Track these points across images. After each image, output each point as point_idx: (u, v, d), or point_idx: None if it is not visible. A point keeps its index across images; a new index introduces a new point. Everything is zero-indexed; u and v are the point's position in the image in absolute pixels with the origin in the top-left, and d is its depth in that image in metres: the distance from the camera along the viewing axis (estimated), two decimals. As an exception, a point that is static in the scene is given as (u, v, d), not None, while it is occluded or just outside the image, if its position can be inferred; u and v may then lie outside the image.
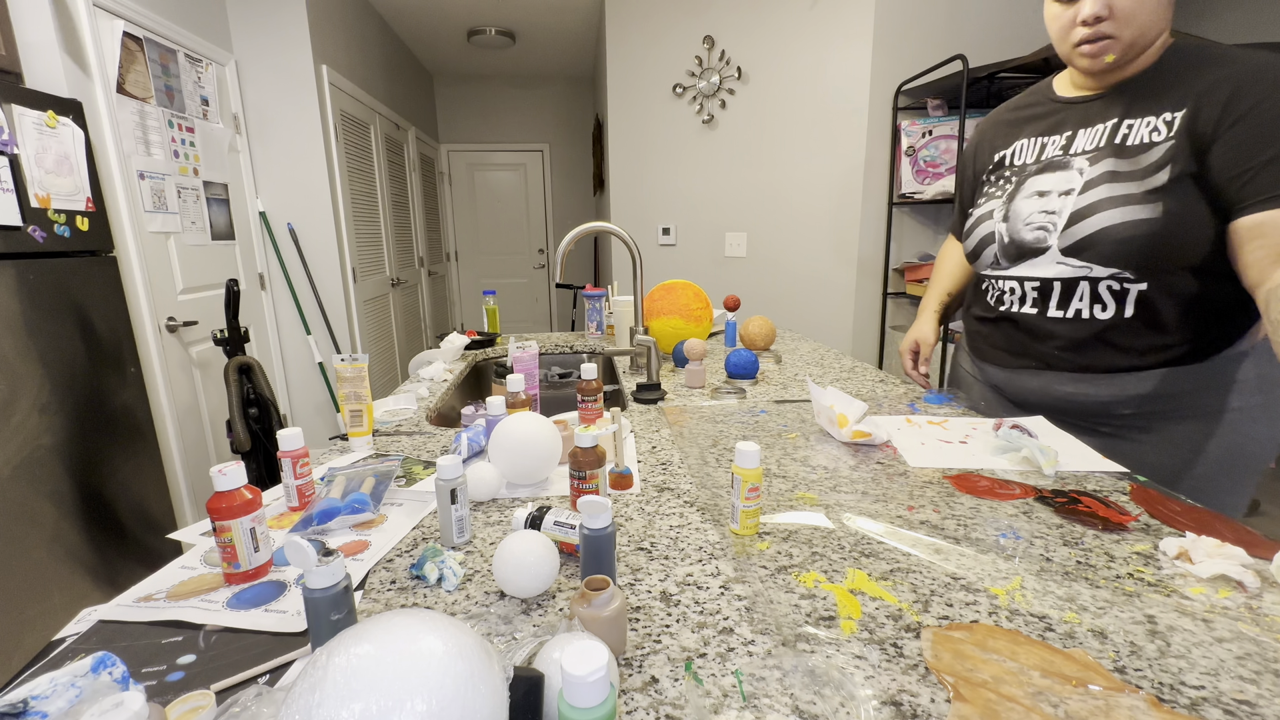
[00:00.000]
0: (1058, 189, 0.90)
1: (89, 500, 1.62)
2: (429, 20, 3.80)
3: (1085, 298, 0.89)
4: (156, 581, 0.63)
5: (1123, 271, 0.84)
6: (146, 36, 2.09)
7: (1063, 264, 0.89)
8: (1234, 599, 0.54)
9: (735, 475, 0.67)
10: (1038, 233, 0.91)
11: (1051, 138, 0.94)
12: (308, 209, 2.83)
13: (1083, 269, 0.87)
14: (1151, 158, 0.82)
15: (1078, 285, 0.89)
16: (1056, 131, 0.94)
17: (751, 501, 0.67)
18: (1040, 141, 0.96)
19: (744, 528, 0.68)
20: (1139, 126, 0.84)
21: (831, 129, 2.69)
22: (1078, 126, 0.91)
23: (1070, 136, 0.92)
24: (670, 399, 1.24)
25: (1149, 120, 0.83)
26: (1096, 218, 0.84)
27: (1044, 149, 0.95)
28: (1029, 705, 0.43)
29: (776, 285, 2.95)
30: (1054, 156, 0.93)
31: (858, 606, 0.55)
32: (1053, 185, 0.91)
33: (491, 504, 0.79)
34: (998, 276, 1.00)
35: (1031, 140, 0.97)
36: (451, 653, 0.35)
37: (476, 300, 5.52)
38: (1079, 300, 0.90)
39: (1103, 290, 0.87)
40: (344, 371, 0.99)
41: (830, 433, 0.98)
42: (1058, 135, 0.94)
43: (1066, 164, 0.90)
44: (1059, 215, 0.88)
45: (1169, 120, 0.81)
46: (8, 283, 1.43)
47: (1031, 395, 1.01)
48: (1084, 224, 0.85)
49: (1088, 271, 0.87)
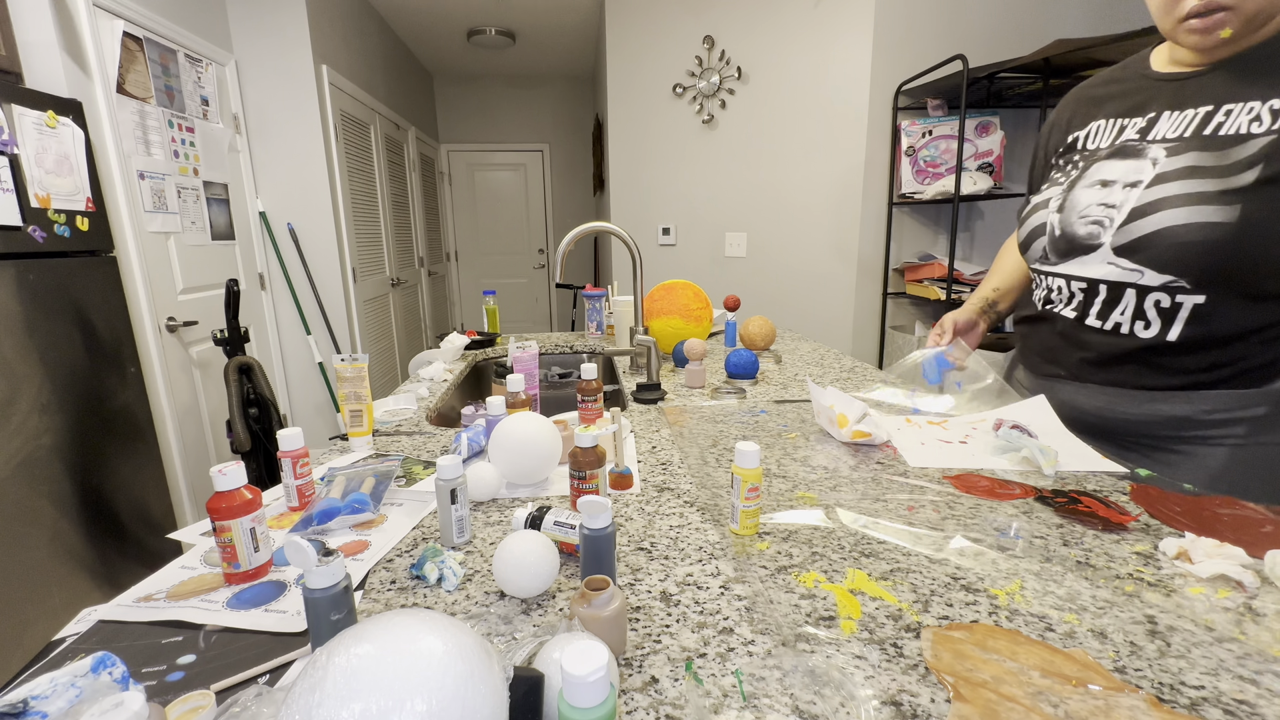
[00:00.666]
0: (1124, 179, 0.79)
1: (89, 500, 1.62)
2: (429, 20, 3.80)
3: (1128, 310, 0.79)
4: (156, 581, 0.63)
5: (1178, 280, 0.74)
6: (146, 36, 2.09)
7: (1113, 264, 0.79)
8: (1234, 599, 0.54)
9: (735, 475, 0.67)
10: (1091, 227, 0.81)
11: (1132, 120, 0.82)
12: (308, 209, 2.83)
13: (1133, 273, 0.77)
14: (1243, 152, 0.70)
15: (1123, 293, 0.79)
16: (1139, 113, 0.81)
17: (751, 501, 0.67)
18: (1118, 123, 0.84)
19: (744, 528, 0.68)
20: (1238, 113, 0.71)
21: (831, 129, 2.69)
22: (1163, 109, 0.79)
23: (1152, 119, 0.79)
24: (670, 399, 1.24)
25: (1252, 106, 0.70)
26: (1159, 215, 0.73)
27: (1121, 132, 0.83)
28: (1029, 705, 0.43)
29: (776, 285, 2.95)
30: (1128, 141, 0.81)
31: (858, 606, 0.55)
32: (1119, 174, 0.79)
33: (491, 504, 0.79)
34: (1045, 272, 0.91)
35: (1110, 121, 0.85)
36: (451, 653, 0.35)
37: (476, 300, 5.52)
38: (1120, 312, 0.80)
39: (1149, 305, 0.77)
40: (344, 371, 0.99)
41: (830, 433, 0.98)
42: (1139, 117, 0.81)
43: (1140, 151, 0.78)
44: (1118, 209, 0.78)
45: (1277, 109, 0.69)
46: (8, 283, 1.43)
47: (1061, 408, 0.93)
48: (1143, 221, 0.75)
49: (1138, 277, 0.77)
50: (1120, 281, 0.79)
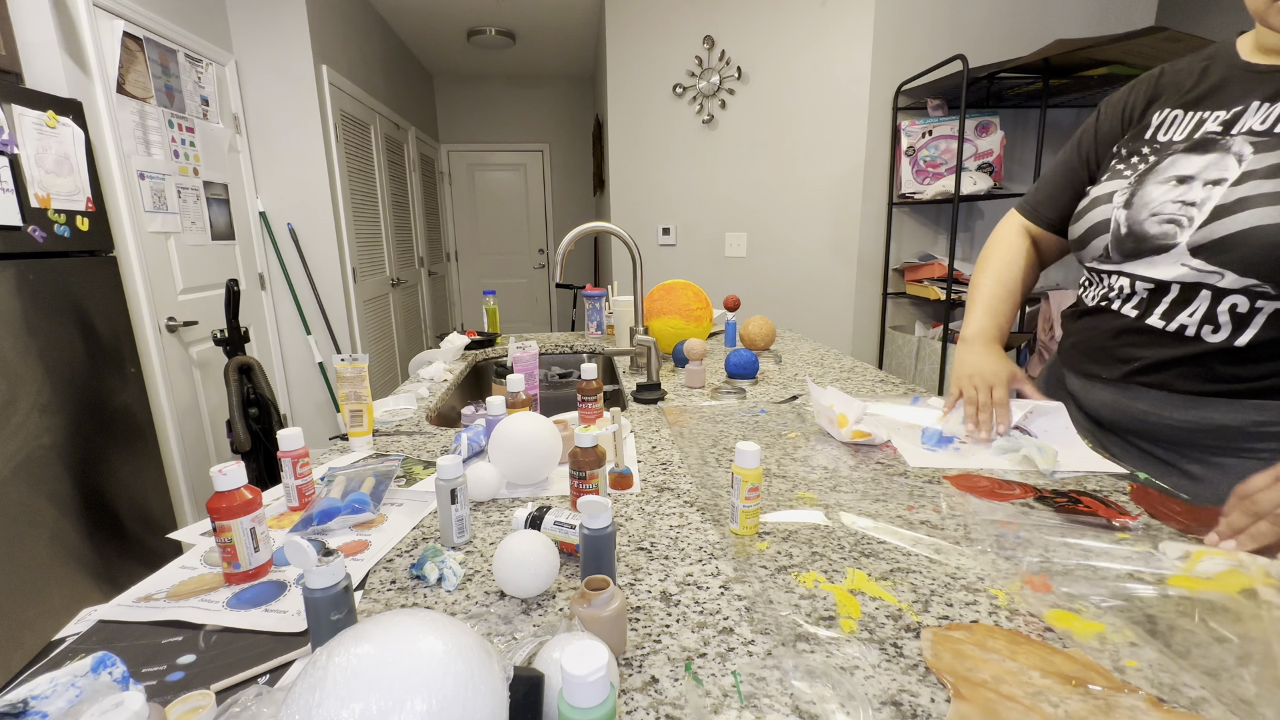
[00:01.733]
0: (1205, 176, 0.72)
1: (89, 500, 1.62)
2: (429, 20, 3.80)
3: (1199, 313, 0.74)
4: (156, 581, 0.63)
5: (1263, 285, 0.69)
6: (146, 36, 2.09)
7: (1188, 266, 0.73)
8: (1236, 600, 0.54)
9: (735, 475, 0.67)
10: (1166, 226, 0.74)
11: (1214, 112, 0.75)
12: (308, 209, 2.83)
13: (1212, 274, 0.71)
14: None
15: (1197, 294, 0.73)
16: (1223, 105, 0.75)
17: (751, 501, 0.67)
18: (1198, 115, 0.77)
19: (744, 528, 0.68)
20: None
21: (831, 129, 2.69)
22: (1252, 99, 0.72)
23: (1238, 112, 0.73)
24: (670, 399, 1.24)
25: None
26: (1246, 214, 0.68)
27: (1200, 124, 0.76)
28: (1029, 705, 0.43)
29: (776, 285, 2.95)
30: (1209, 133, 0.74)
31: (857, 606, 0.55)
32: (1199, 170, 0.73)
33: (491, 504, 0.79)
34: (1106, 271, 0.84)
35: (1189, 113, 0.78)
36: (451, 653, 0.35)
37: (476, 300, 5.52)
38: (1189, 314, 0.75)
39: (1223, 309, 0.72)
40: (344, 371, 0.99)
41: (830, 433, 0.98)
42: (1222, 110, 0.75)
43: (1224, 145, 0.72)
44: (1199, 208, 0.72)
45: None
46: (8, 283, 1.43)
47: (1104, 409, 0.88)
48: (1228, 220, 0.69)
49: (1217, 279, 0.71)
50: (1196, 283, 0.73)
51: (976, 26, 2.50)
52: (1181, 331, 0.76)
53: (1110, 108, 0.90)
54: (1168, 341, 0.77)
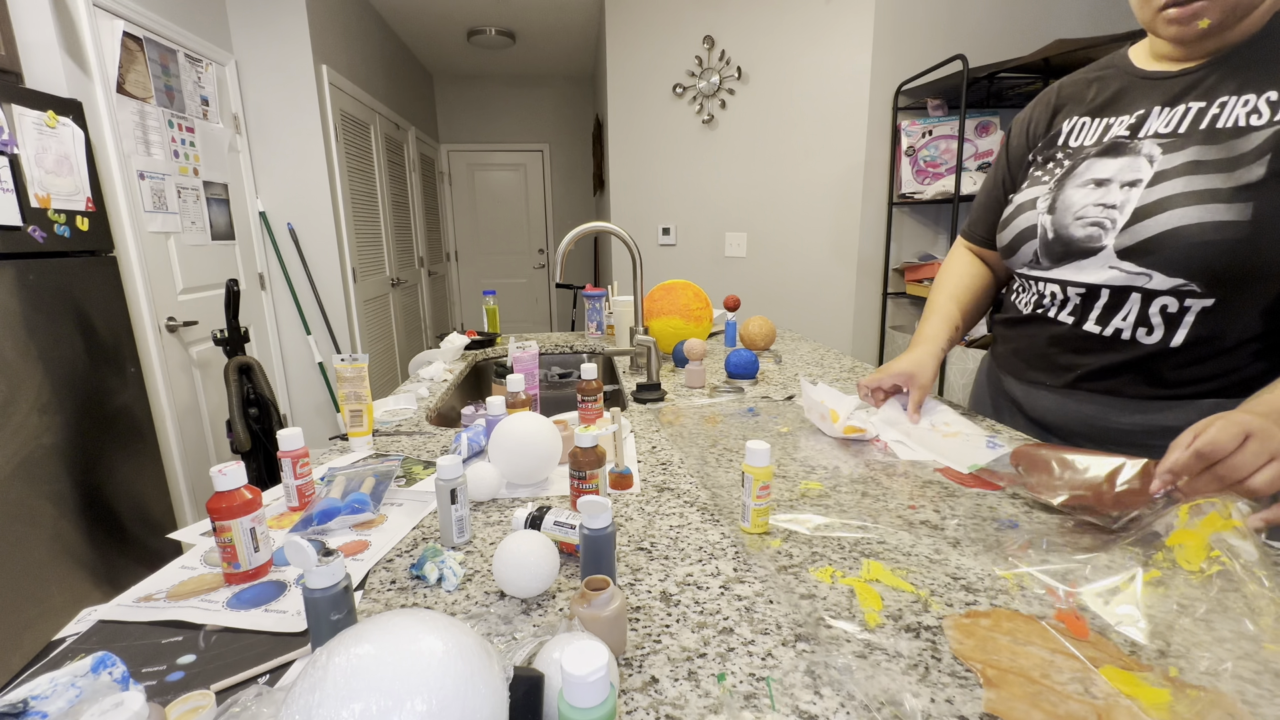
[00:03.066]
0: (1121, 178, 0.75)
1: (89, 500, 1.62)
2: (429, 20, 3.80)
3: (1131, 316, 0.76)
4: (156, 581, 0.63)
5: (1189, 284, 0.70)
6: (146, 36, 2.09)
7: (1116, 268, 0.75)
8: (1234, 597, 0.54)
9: (746, 474, 0.67)
10: (1090, 229, 0.77)
11: (1119, 117, 0.79)
12: (308, 209, 2.83)
13: (1140, 276, 0.73)
14: (1247, 145, 0.67)
15: (1127, 297, 0.75)
16: (1125, 110, 0.78)
17: (763, 500, 0.67)
18: (1104, 122, 0.80)
19: (755, 525, 0.68)
20: (1234, 106, 0.69)
21: (831, 129, 2.69)
22: (1153, 105, 0.76)
23: (1142, 116, 0.76)
24: (670, 399, 1.24)
25: (1247, 99, 0.68)
26: (1167, 215, 0.70)
27: (1107, 129, 0.79)
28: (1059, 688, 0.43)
29: (776, 285, 2.95)
30: (1118, 138, 0.77)
31: (878, 598, 0.56)
32: (1114, 173, 0.76)
33: (491, 504, 0.79)
34: (1037, 277, 0.86)
35: (1094, 120, 0.82)
36: (451, 653, 0.35)
37: (476, 300, 5.52)
38: (1122, 318, 0.76)
39: (1154, 310, 0.74)
40: (344, 371, 0.99)
41: (821, 428, 0.99)
42: (1126, 115, 0.78)
43: (1134, 148, 0.75)
44: (1119, 210, 0.74)
45: (1274, 100, 0.67)
46: (8, 283, 1.43)
47: (1050, 415, 0.90)
48: (1150, 222, 0.71)
49: (1146, 280, 0.73)
50: (1125, 285, 0.75)
51: (976, 26, 2.50)
52: (1117, 335, 0.77)
53: (1017, 125, 0.95)
54: (1106, 346, 0.79)
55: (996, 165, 0.99)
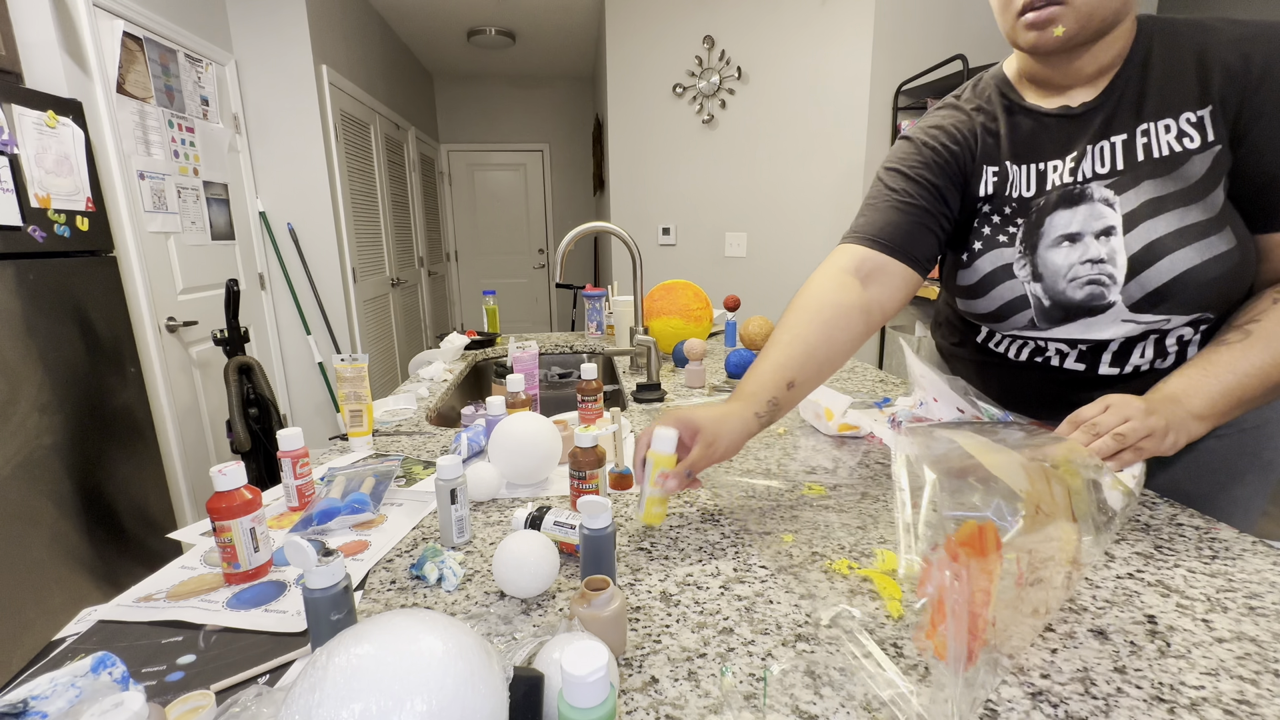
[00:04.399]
0: (1090, 229, 0.71)
1: (89, 500, 1.62)
2: (429, 20, 3.80)
3: (1148, 353, 0.74)
4: (156, 581, 0.63)
5: (1205, 314, 0.70)
6: (146, 36, 2.09)
7: (1131, 321, 0.72)
8: (1234, 597, 0.54)
9: (649, 460, 0.65)
10: (1089, 288, 0.72)
11: (1049, 162, 0.75)
12: (308, 209, 2.83)
13: (1158, 322, 0.71)
14: (1196, 170, 0.66)
15: (1145, 338, 0.74)
16: (1054, 155, 0.75)
17: (657, 489, 0.65)
18: (1033, 168, 0.76)
19: (649, 515, 0.66)
20: (1156, 131, 0.68)
21: (831, 129, 2.69)
22: (1083, 144, 0.72)
23: (1076, 157, 0.73)
24: (670, 399, 1.24)
25: (1167, 123, 0.67)
26: (1168, 261, 0.67)
27: (1043, 177, 0.75)
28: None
29: (776, 285, 2.95)
30: (1064, 185, 0.73)
31: (897, 588, 0.56)
32: (1080, 225, 0.72)
33: (491, 504, 0.79)
34: (1034, 337, 0.81)
35: (1021, 167, 0.77)
36: (451, 653, 0.35)
37: (476, 300, 5.52)
38: (1139, 356, 0.75)
39: (1170, 341, 0.73)
40: (344, 371, 0.99)
41: (816, 427, 0.99)
42: (1057, 159, 0.74)
43: (1086, 194, 0.72)
44: (1111, 263, 0.70)
45: (1194, 121, 0.66)
46: (8, 283, 1.43)
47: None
48: (1152, 272, 0.68)
49: (1164, 324, 0.71)
50: (1142, 333, 0.73)
51: (976, 26, 2.50)
52: (1137, 370, 0.76)
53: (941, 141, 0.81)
54: (1124, 381, 0.77)
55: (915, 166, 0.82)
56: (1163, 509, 0.72)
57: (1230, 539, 0.65)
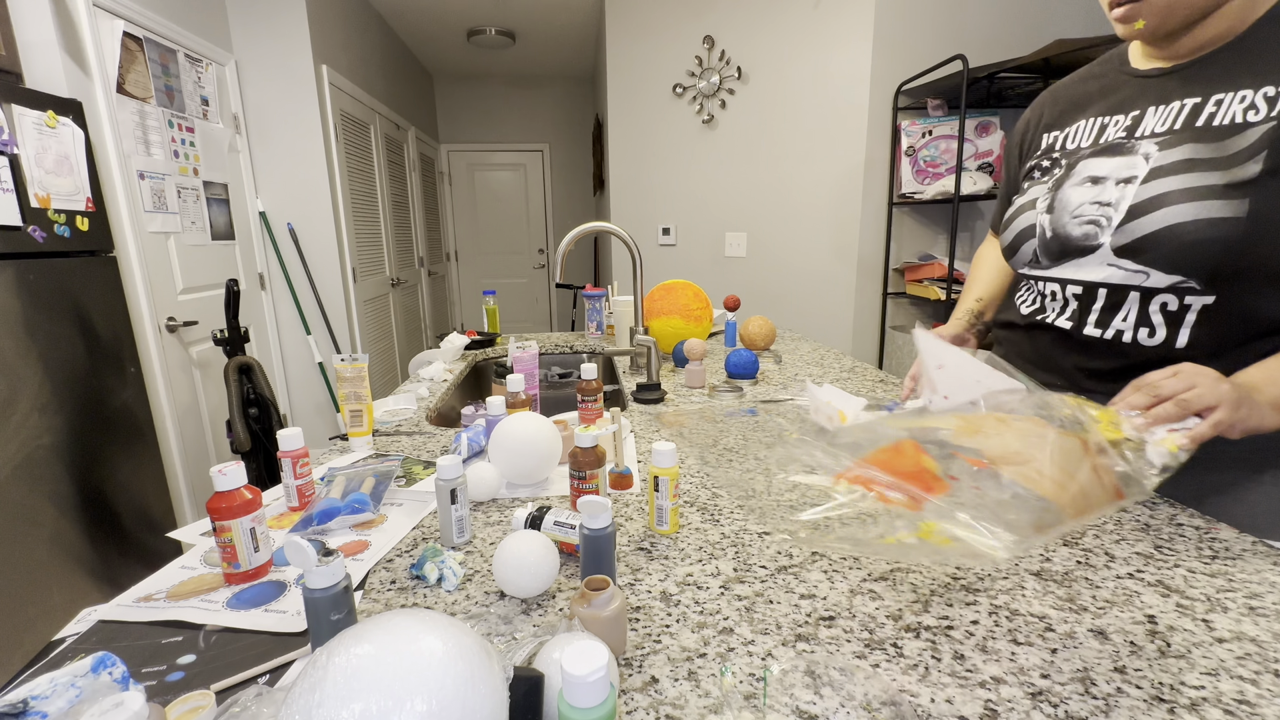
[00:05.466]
0: (1115, 176, 0.75)
1: (89, 500, 1.62)
2: (429, 20, 3.80)
3: (1130, 316, 0.75)
4: (156, 581, 0.63)
5: (1188, 280, 0.70)
6: (146, 36, 2.09)
7: (1114, 266, 0.75)
8: (1234, 597, 0.54)
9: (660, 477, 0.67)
10: (1087, 227, 0.77)
11: (1114, 117, 0.79)
12: (308, 209, 2.83)
13: (1138, 274, 0.73)
14: (1243, 142, 0.67)
15: (1126, 296, 0.75)
16: (1121, 110, 0.79)
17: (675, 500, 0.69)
18: (1099, 121, 0.81)
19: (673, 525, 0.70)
20: (1229, 103, 0.69)
21: (831, 129, 2.69)
22: (1149, 104, 0.76)
23: (1137, 116, 0.77)
24: (670, 399, 1.24)
25: (1244, 95, 0.68)
26: (1163, 213, 0.70)
27: (1103, 130, 0.80)
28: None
29: (776, 285, 2.95)
30: (1115, 139, 0.78)
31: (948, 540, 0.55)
32: (1109, 171, 0.76)
33: (491, 504, 0.79)
34: (1037, 277, 0.86)
35: (1090, 120, 0.83)
36: (451, 653, 0.35)
37: (476, 300, 5.52)
38: (1122, 319, 0.76)
39: (1154, 309, 0.74)
40: (344, 371, 0.99)
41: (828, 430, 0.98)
42: (1121, 114, 0.79)
43: (1130, 148, 0.76)
44: (1114, 208, 0.74)
45: (1271, 96, 0.66)
46: (8, 283, 1.43)
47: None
48: (1146, 220, 0.71)
49: (1143, 279, 0.73)
50: (1123, 284, 0.75)
51: (976, 26, 2.50)
52: (1119, 338, 0.77)
53: (1018, 127, 0.97)
54: (1108, 351, 0.78)
55: (1005, 165, 1.01)
56: (1163, 509, 0.72)
57: (1230, 539, 0.65)
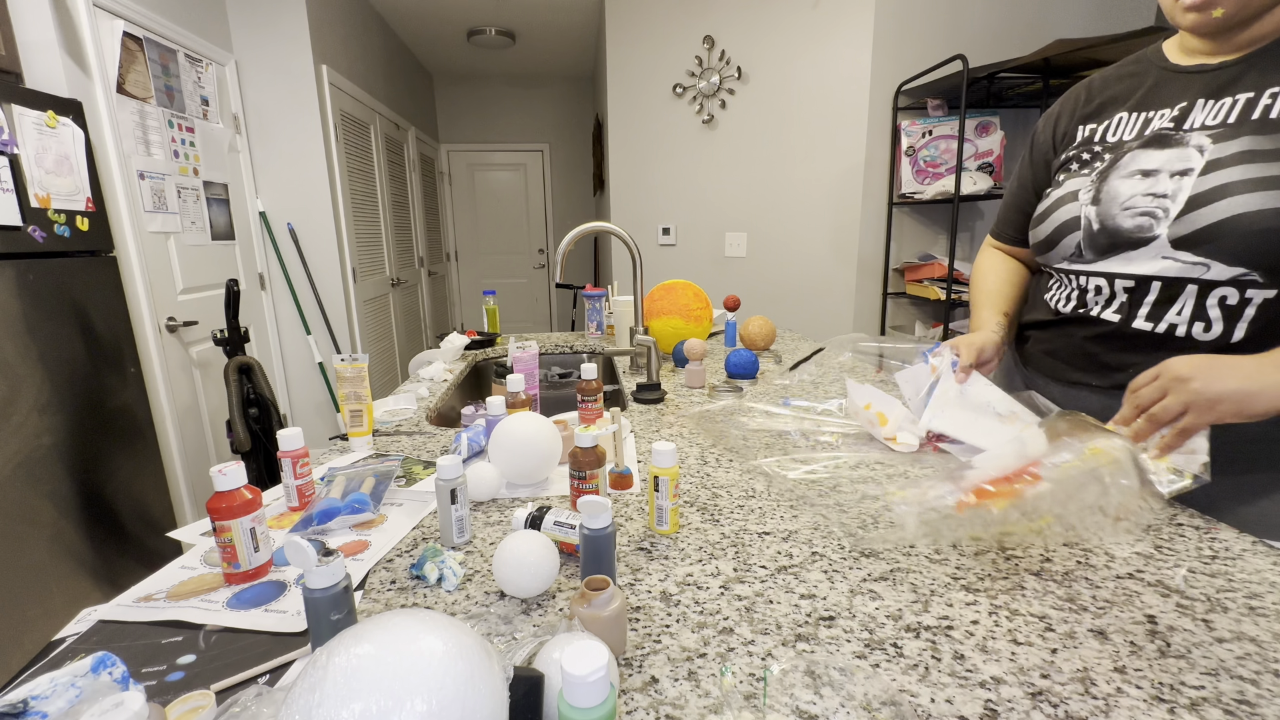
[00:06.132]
0: (1170, 168, 0.73)
1: (89, 500, 1.62)
2: (429, 20, 3.80)
3: (1186, 309, 0.72)
4: (156, 581, 0.63)
5: (1250, 273, 0.67)
6: (146, 36, 2.09)
7: (1171, 259, 0.71)
8: (1234, 598, 0.54)
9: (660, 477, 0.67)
10: (1140, 219, 0.74)
11: (1159, 110, 0.77)
12: (308, 209, 2.83)
13: (1197, 266, 0.70)
14: None
15: (1183, 289, 0.72)
16: (1166, 104, 0.77)
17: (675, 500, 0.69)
18: (1143, 115, 0.79)
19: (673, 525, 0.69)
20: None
21: (831, 129, 2.69)
22: (1196, 98, 0.74)
23: (1185, 109, 0.75)
24: (670, 399, 1.24)
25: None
26: (1226, 203, 0.67)
27: (1148, 123, 0.78)
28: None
29: (776, 285, 2.95)
30: (1162, 130, 0.75)
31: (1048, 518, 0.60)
32: (1162, 163, 0.73)
33: (491, 504, 0.79)
34: (1078, 272, 0.82)
35: (1133, 114, 0.80)
36: (451, 653, 0.35)
37: (476, 300, 5.51)
38: (1177, 312, 0.73)
39: (1212, 302, 0.70)
40: (344, 371, 0.99)
41: (871, 433, 0.96)
42: (1167, 108, 0.76)
43: (1180, 140, 0.73)
44: (1172, 199, 0.71)
45: None
46: (8, 283, 1.43)
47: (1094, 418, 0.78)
48: (1208, 209, 0.68)
49: (1203, 271, 0.70)
50: (1179, 277, 0.71)
51: (976, 26, 2.50)
52: (1171, 332, 0.73)
53: (1045, 122, 0.93)
54: (1158, 345, 0.75)
55: (1024, 164, 0.97)
56: (1163, 510, 0.72)
57: (1230, 539, 0.65)
